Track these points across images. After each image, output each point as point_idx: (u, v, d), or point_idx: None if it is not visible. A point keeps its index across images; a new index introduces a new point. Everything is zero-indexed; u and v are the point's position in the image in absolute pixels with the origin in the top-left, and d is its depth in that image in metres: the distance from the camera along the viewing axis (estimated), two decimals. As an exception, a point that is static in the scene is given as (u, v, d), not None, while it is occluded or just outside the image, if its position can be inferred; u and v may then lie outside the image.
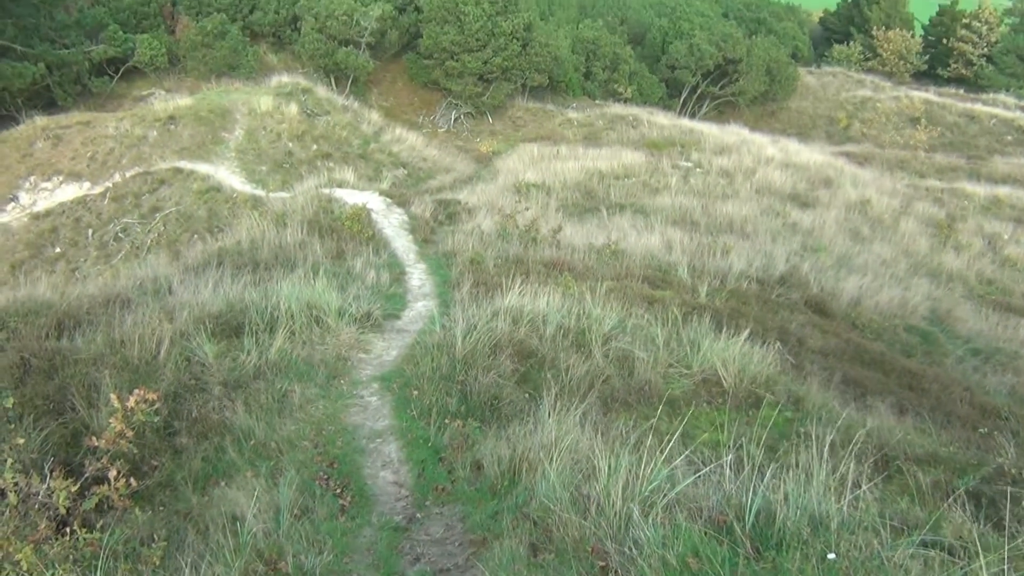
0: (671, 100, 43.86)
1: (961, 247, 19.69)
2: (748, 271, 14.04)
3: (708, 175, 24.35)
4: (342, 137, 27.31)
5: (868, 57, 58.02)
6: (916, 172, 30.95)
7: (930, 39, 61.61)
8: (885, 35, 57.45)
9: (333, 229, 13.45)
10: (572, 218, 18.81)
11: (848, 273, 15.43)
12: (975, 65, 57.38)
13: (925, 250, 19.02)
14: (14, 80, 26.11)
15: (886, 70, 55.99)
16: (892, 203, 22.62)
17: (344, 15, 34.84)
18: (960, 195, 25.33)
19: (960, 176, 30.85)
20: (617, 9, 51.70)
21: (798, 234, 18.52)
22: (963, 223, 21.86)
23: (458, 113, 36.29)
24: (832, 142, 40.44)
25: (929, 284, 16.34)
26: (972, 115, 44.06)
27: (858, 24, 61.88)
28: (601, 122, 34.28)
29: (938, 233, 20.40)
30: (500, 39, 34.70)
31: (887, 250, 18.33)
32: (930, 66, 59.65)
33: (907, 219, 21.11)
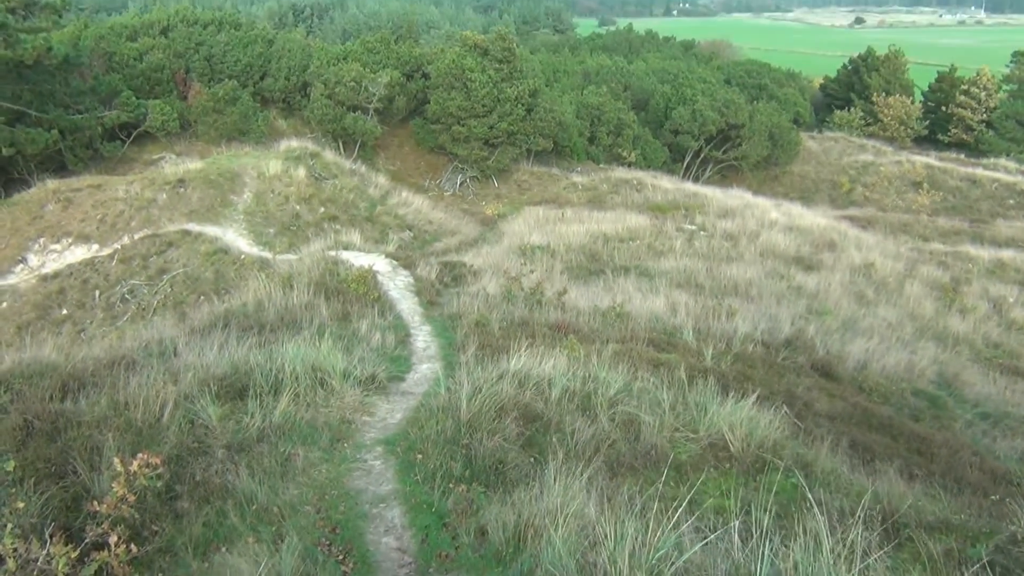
0: (675, 164, 44.39)
1: (966, 310, 19.65)
2: (753, 334, 14.01)
3: (712, 238, 24.49)
4: (349, 200, 27.60)
5: (869, 122, 58.84)
6: (919, 236, 31.08)
7: (930, 105, 62.50)
8: (885, 101, 58.35)
9: (339, 291, 13.50)
10: (577, 281, 18.88)
11: (854, 336, 15.39)
12: (975, 130, 58.09)
13: (931, 313, 18.99)
14: (28, 145, 26.56)
15: (887, 135, 56.72)
16: (896, 266, 22.68)
17: (353, 82, 35.55)
18: (964, 258, 25.38)
19: (964, 240, 30.96)
20: (620, 76, 52.66)
21: (803, 297, 18.53)
22: (968, 286, 21.85)
23: (464, 177, 36.72)
24: (835, 206, 40.74)
25: (935, 347, 16.28)
26: (974, 179, 44.41)
27: (858, 90, 62.89)
28: (605, 186, 34.60)
29: (943, 296, 20.39)
30: (506, 105, 35.31)
31: (892, 313, 18.31)
32: (930, 131, 60.42)
33: (912, 282, 21.13)
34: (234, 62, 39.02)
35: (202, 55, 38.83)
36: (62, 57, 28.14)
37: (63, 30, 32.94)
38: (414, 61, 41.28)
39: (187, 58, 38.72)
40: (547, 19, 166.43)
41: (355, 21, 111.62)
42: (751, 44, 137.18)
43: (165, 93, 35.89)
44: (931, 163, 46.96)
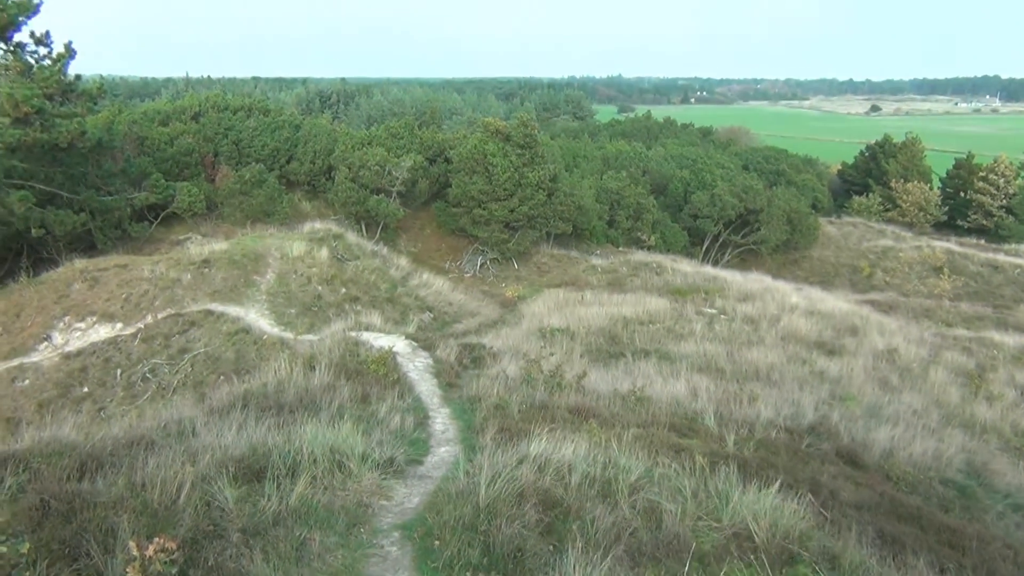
0: (694, 248, 44.64)
1: (993, 398, 19.29)
2: (776, 420, 13.81)
3: (733, 322, 24.38)
4: (370, 281, 27.83)
5: (887, 208, 59.11)
6: (942, 321, 30.79)
7: (948, 191, 62.85)
8: (904, 187, 58.72)
9: (359, 372, 13.50)
10: (597, 363, 18.77)
11: (879, 423, 15.12)
12: (995, 216, 58.21)
13: (956, 400, 18.65)
14: (57, 226, 27.16)
15: (906, 221, 56.88)
16: (920, 352, 22.40)
17: (377, 165, 36.29)
18: (989, 344, 25.04)
19: (987, 325, 30.61)
20: (639, 161, 53.47)
21: (826, 382, 18.29)
22: (994, 373, 21.50)
23: (484, 259, 37.03)
24: (856, 290, 40.57)
25: (963, 435, 15.93)
26: (995, 265, 44.23)
27: (876, 176, 63.41)
28: (625, 269, 34.74)
29: (969, 383, 20.05)
30: (527, 189, 35.82)
31: (918, 400, 18.00)
32: (950, 217, 60.60)
33: (936, 368, 20.82)
34: (261, 146, 40.05)
35: (231, 139, 39.90)
36: (95, 141, 28.98)
37: (98, 115, 34.01)
38: (437, 146, 42.17)
39: (216, 142, 39.79)
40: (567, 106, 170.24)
41: (380, 107, 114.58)
42: (768, 131, 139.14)
43: (194, 176, 36.79)
44: (951, 248, 46.90)
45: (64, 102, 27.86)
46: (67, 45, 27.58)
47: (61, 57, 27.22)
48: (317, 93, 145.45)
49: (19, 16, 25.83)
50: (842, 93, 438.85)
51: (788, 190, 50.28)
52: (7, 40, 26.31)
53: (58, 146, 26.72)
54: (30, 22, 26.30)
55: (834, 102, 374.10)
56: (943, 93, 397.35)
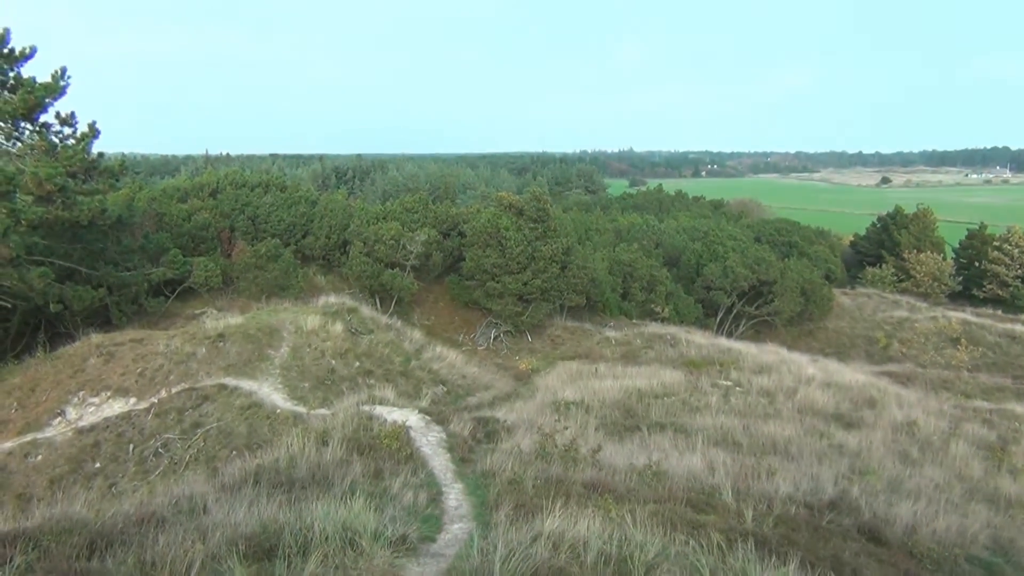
0: (708, 319, 44.52)
1: (1017, 471, 18.90)
2: (795, 495, 13.55)
3: (748, 394, 24.16)
4: (384, 355, 27.84)
5: (901, 279, 59.01)
6: (961, 392, 30.42)
7: (962, 261, 62.79)
8: (917, 258, 58.72)
9: (372, 447, 13.42)
10: (612, 437, 18.58)
11: (901, 498, 14.81)
12: (1010, 286, 57.97)
13: (979, 474, 18.28)
14: (75, 302, 27.44)
15: (920, 291, 56.70)
16: (940, 424, 22.07)
17: (392, 239, 36.67)
18: (1010, 416, 24.67)
19: (1008, 397, 30.21)
20: (652, 233, 53.82)
21: (845, 456, 18.00)
22: (1016, 446, 21.12)
23: (498, 331, 37.03)
24: (872, 362, 40.23)
25: (987, 510, 15.57)
26: (1013, 335, 43.85)
27: (889, 247, 63.48)
28: (639, 341, 34.64)
29: (991, 456, 19.69)
30: (540, 262, 36.02)
31: (940, 474, 17.66)
32: (964, 287, 60.38)
33: (957, 441, 20.48)
34: (278, 221, 40.62)
35: (247, 215, 40.51)
36: (115, 217, 29.49)
37: (119, 192, 34.66)
38: (451, 220, 42.65)
39: (233, 217, 40.40)
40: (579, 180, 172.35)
41: (395, 182, 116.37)
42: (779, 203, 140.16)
43: (210, 250, 37.26)
44: (967, 319, 46.59)
45: (87, 180, 28.44)
46: (91, 125, 28.30)
47: (85, 136, 27.90)
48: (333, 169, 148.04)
49: (46, 98, 26.59)
50: (852, 165, 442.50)
51: (801, 261, 50.36)
52: (33, 121, 27.04)
53: (79, 223, 27.19)
54: (56, 103, 27.06)
55: (844, 174, 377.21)
56: (953, 164, 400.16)
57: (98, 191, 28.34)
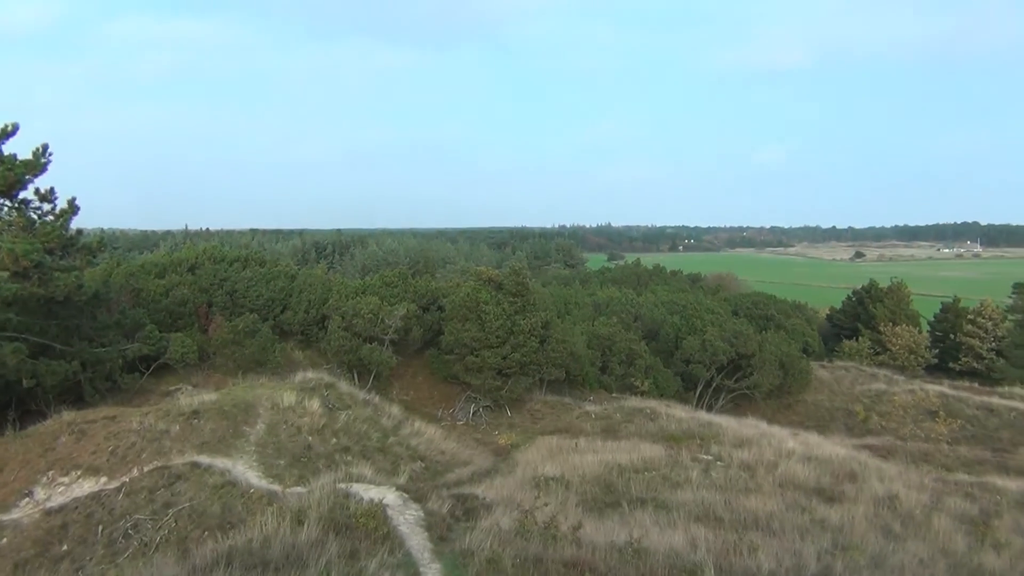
0: (687, 393, 44.49)
1: (1000, 546, 18.77)
2: (778, 571, 13.38)
3: (729, 468, 24.00)
4: (362, 431, 27.52)
5: (878, 351, 59.55)
6: (942, 466, 30.36)
7: (937, 334, 63.56)
8: (893, 331, 59.37)
9: (348, 526, 13.16)
10: (592, 513, 18.34)
11: (885, 574, 14.66)
12: (986, 359, 58.60)
13: (963, 549, 18.14)
14: (48, 377, 27.04)
15: (897, 364, 57.18)
16: (922, 498, 21.96)
17: (371, 314, 36.64)
18: (991, 490, 24.59)
19: (988, 470, 30.17)
20: (630, 307, 54.11)
21: (827, 531, 17.83)
22: (998, 519, 21.00)
23: (477, 406, 36.79)
24: (852, 435, 40.19)
25: (973, 586, 15.43)
26: (991, 408, 44.09)
27: (864, 320, 64.19)
28: (619, 415, 34.49)
29: (974, 530, 19.58)
30: (519, 336, 36.06)
31: (923, 549, 17.50)
32: (940, 360, 60.97)
33: (939, 515, 20.36)
34: (256, 296, 40.53)
35: (225, 290, 40.40)
36: (92, 293, 29.30)
37: (95, 268, 34.53)
38: (430, 294, 42.76)
39: (211, 292, 40.27)
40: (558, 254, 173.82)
41: (374, 257, 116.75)
42: (756, 277, 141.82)
43: (187, 326, 37.01)
44: (945, 391, 46.85)
45: (64, 256, 28.37)
46: (71, 201, 28.35)
47: (64, 213, 27.93)
48: (313, 244, 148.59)
49: (26, 175, 26.70)
50: (826, 240, 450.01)
51: (778, 334, 50.71)
52: (13, 197, 27.08)
53: (54, 299, 27.00)
54: (37, 180, 27.16)
55: (819, 249, 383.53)
56: (925, 239, 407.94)
57: (75, 267, 28.23)
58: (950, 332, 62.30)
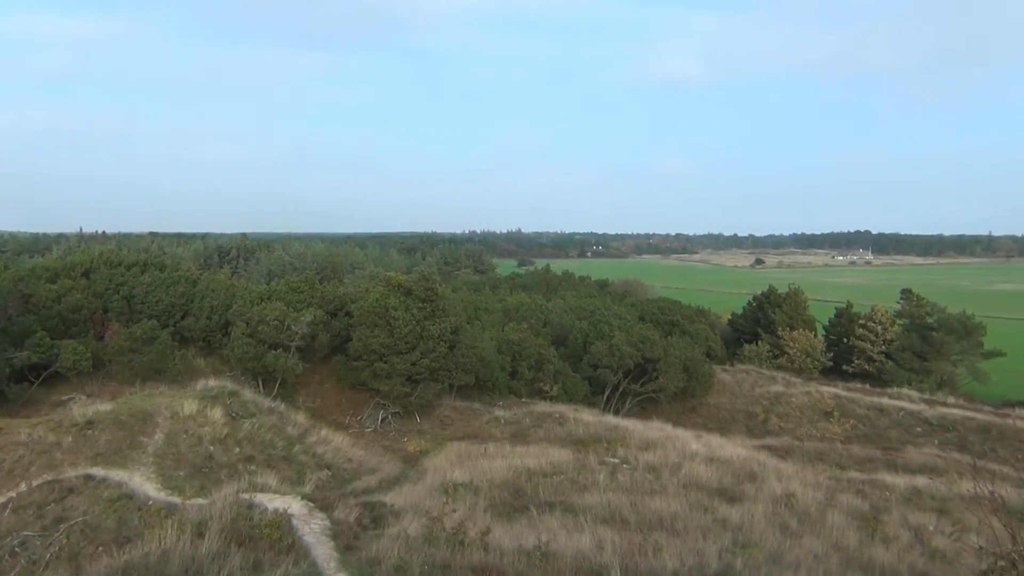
0: (595, 397, 45.05)
1: (889, 540, 19.66)
2: (681, 570, 13.68)
3: (635, 471, 24.43)
4: (266, 440, 26.91)
5: (776, 355, 61.63)
6: (836, 464, 31.60)
7: (831, 338, 66.20)
8: (790, 335, 61.55)
9: (251, 538, 12.85)
10: (501, 518, 18.37)
11: (782, 570, 15.15)
12: (876, 361, 61.29)
13: (855, 544, 18.91)
14: (-73, 387, 25.54)
15: (794, 367, 59.30)
16: (817, 496, 22.80)
17: (276, 320, 35.88)
18: (881, 486, 25.73)
19: (878, 467, 31.55)
20: (540, 313, 54.52)
21: (728, 530, 18.34)
22: (888, 515, 22.00)
23: (385, 413, 36.44)
24: (752, 436, 41.44)
25: (864, 579, 16.09)
26: (881, 408, 46.18)
27: (764, 325, 66.32)
28: (528, 420, 34.69)
29: (865, 526, 20.44)
30: (428, 342, 35.88)
31: (818, 544, 18.17)
32: (835, 362, 63.54)
33: (833, 512, 21.18)
34: (155, 302, 39.15)
35: (122, 295, 38.91)
36: (-25, 299, 27.82)
37: (-19, 272, 32.81)
38: (338, 300, 42.15)
39: (106, 298, 38.71)
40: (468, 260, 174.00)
41: (280, 262, 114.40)
42: (661, 283, 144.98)
43: (81, 333, 35.46)
44: (839, 393, 48.86)
45: (-56, 259, 26.82)
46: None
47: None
48: (216, 248, 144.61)
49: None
50: (728, 247, 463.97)
51: (683, 339, 51.89)
52: None
53: (-66, 305, 25.52)
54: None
55: (721, 255, 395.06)
56: (821, 247, 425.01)
57: (-42, 271, 26.73)
58: (844, 336, 64.97)
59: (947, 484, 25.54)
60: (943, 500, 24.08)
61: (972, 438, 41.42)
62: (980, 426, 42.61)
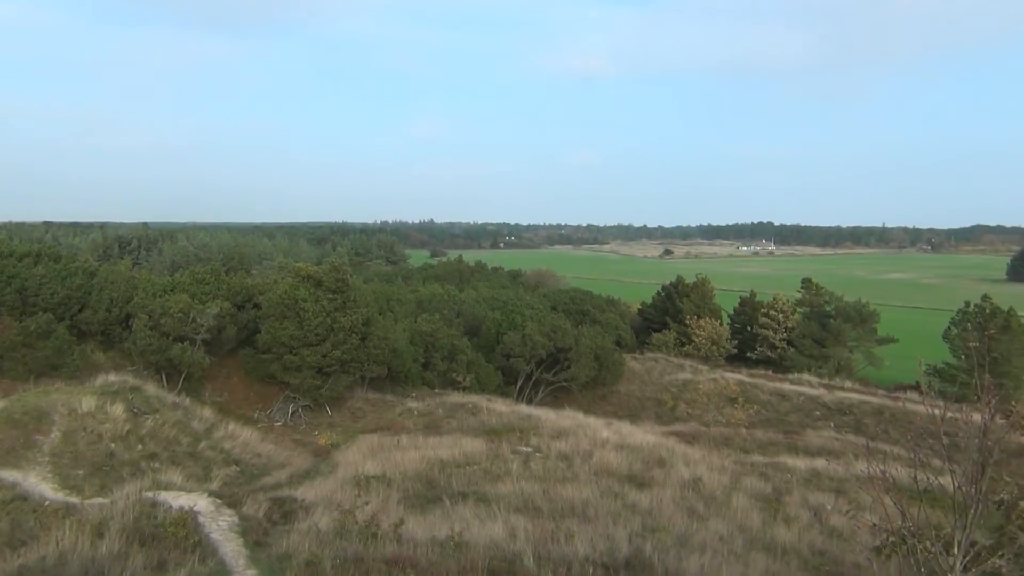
0: (508, 387, 45.31)
1: (790, 520, 20.41)
2: (592, 555, 13.90)
3: (547, 459, 24.70)
4: (171, 436, 26.13)
5: (684, 343, 63.15)
6: (740, 448, 32.66)
7: (736, 326, 68.19)
8: (697, 323, 63.13)
9: (155, 537, 12.47)
10: (414, 510, 18.33)
11: (689, 552, 15.57)
12: (778, 348, 63.44)
13: (758, 525, 19.58)
14: None
15: (701, 354, 60.90)
16: (722, 479, 23.51)
17: (181, 312, 34.82)
18: (783, 469, 26.69)
19: (780, 450, 32.76)
20: (453, 303, 54.48)
21: (638, 514, 18.74)
22: (789, 496, 22.85)
23: (296, 406, 35.83)
24: (661, 422, 42.42)
25: (766, 558, 16.66)
26: (782, 393, 47.87)
27: (672, 314, 67.83)
28: (441, 411, 34.66)
29: (767, 507, 21.18)
30: (339, 333, 35.42)
31: (723, 526, 18.75)
32: (739, 350, 65.51)
33: (738, 495, 21.87)
34: (50, 294, 37.42)
35: (14, 287, 37.06)
36: None
37: None
38: (245, 292, 41.17)
39: (-3, 291, 36.82)
40: (380, 251, 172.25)
41: (184, 253, 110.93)
42: (573, 273, 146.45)
43: (-32, 328, 33.65)
44: (743, 379, 50.43)
45: None
46: None
47: None
48: (116, 238, 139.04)
49: None
50: (638, 238, 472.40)
51: (594, 328, 52.63)
52: None
53: None
54: None
55: (631, 246, 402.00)
56: (726, 237, 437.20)
57: None
58: (748, 324, 67.05)
59: (844, 465, 26.66)
60: (840, 481, 25.14)
61: (867, 421, 43.39)
62: (874, 409, 44.66)
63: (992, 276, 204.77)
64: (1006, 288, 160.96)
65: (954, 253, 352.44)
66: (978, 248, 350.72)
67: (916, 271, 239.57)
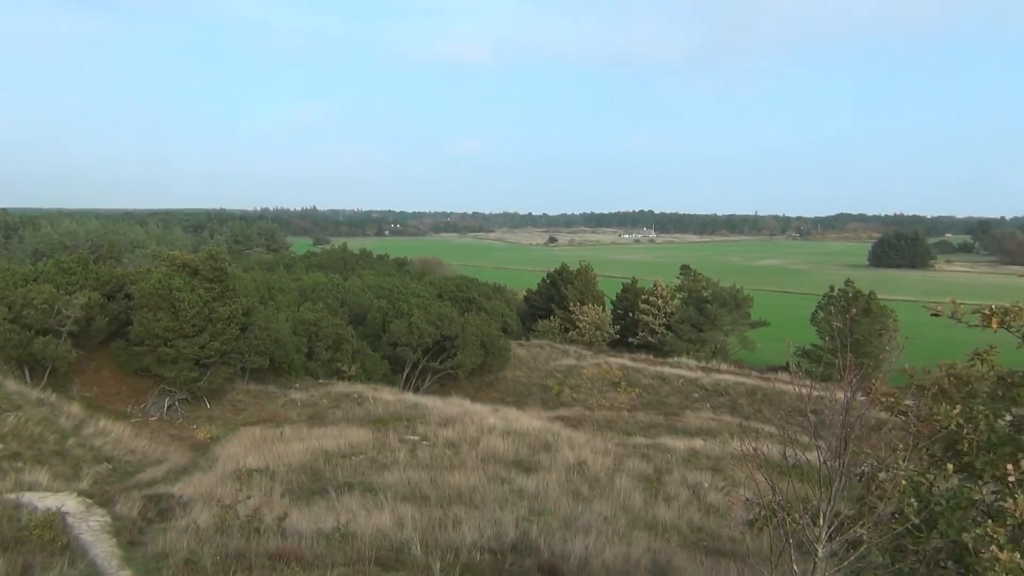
0: (395, 376, 45.01)
1: (670, 498, 21.13)
2: (480, 541, 14.01)
3: (435, 447, 24.69)
4: (36, 433, 24.70)
5: (568, 329, 64.26)
6: (623, 431, 33.52)
7: (618, 312, 69.88)
8: (581, 310, 64.34)
9: (19, 540, 11.78)
10: (299, 502, 17.99)
11: (574, 534, 15.88)
12: (658, 333, 65.40)
13: (640, 504, 20.17)
14: None
15: (585, 340, 62.14)
16: (606, 462, 24.09)
17: (44, 303, 32.99)
18: (663, 450, 27.57)
19: (661, 432, 33.81)
20: (337, 292, 53.56)
21: (524, 499, 18.97)
22: (669, 475, 23.63)
23: (172, 400, 34.52)
24: (547, 408, 43.05)
25: (648, 536, 17.19)
26: (663, 377, 49.41)
27: (557, 301, 68.86)
28: (326, 401, 34.10)
29: (649, 487, 21.84)
30: (218, 324, 34.33)
31: (607, 507, 19.22)
32: (622, 335, 67.21)
33: (621, 476, 22.46)
34: None
35: None
36: None
37: None
38: (115, 281, 39.33)
39: None
40: (260, 238, 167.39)
41: (48, 240, 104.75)
42: (459, 261, 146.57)
43: None
44: (625, 364, 51.77)
45: None
46: None
47: None
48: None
49: None
50: (523, 226, 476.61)
51: (480, 316, 52.82)
52: None
53: None
54: None
55: (516, 234, 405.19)
56: (609, 226, 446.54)
57: None
58: (629, 310, 68.81)
59: (720, 444, 27.77)
60: (716, 459, 26.17)
61: (742, 401, 45.33)
62: (748, 390, 46.69)
63: (855, 262, 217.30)
64: (868, 273, 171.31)
65: (821, 240, 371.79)
66: (843, 235, 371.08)
67: (786, 257, 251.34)
